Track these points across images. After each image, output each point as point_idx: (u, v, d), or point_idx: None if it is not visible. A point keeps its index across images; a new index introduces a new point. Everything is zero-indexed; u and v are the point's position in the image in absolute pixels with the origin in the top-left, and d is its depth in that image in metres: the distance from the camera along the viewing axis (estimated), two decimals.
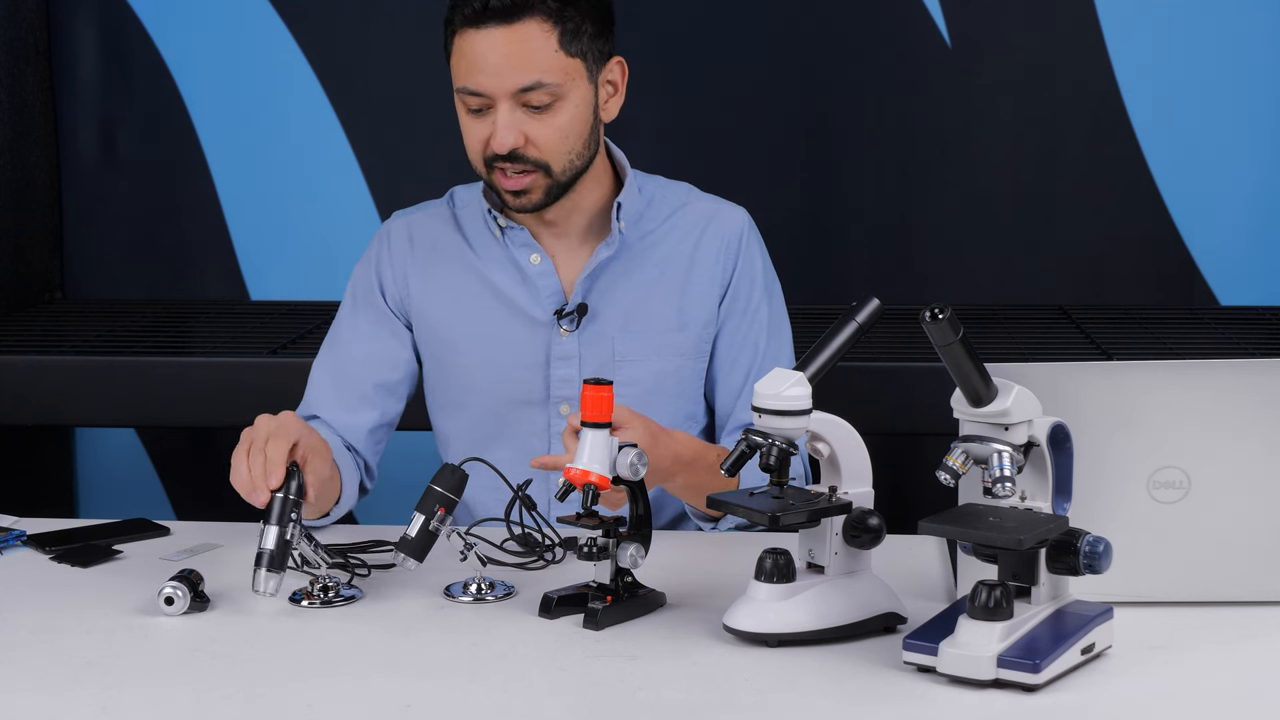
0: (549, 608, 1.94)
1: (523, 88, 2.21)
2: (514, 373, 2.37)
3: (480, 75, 2.22)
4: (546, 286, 2.38)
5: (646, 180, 2.44)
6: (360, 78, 3.82)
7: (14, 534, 2.24)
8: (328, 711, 1.69)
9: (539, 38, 2.21)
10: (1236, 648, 1.84)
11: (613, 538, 1.94)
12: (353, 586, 2.03)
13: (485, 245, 2.41)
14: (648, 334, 2.38)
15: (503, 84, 2.21)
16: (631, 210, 2.39)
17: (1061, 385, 1.87)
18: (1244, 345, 3.27)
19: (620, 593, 1.94)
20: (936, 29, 3.71)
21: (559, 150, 2.26)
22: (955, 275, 3.77)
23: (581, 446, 1.93)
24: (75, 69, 3.86)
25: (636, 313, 2.38)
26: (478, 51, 2.21)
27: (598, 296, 2.38)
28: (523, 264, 2.38)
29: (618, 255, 2.38)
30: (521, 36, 2.20)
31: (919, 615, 1.85)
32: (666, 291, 2.39)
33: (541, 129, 2.24)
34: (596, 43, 2.27)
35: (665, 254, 2.40)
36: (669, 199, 2.44)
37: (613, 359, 2.37)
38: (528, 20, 2.20)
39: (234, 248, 3.87)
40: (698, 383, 2.42)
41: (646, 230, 2.40)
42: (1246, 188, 3.71)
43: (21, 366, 3.16)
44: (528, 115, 2.24)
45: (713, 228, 2.42)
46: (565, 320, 2.37)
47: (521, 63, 2.21)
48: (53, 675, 1.78)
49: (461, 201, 2.46)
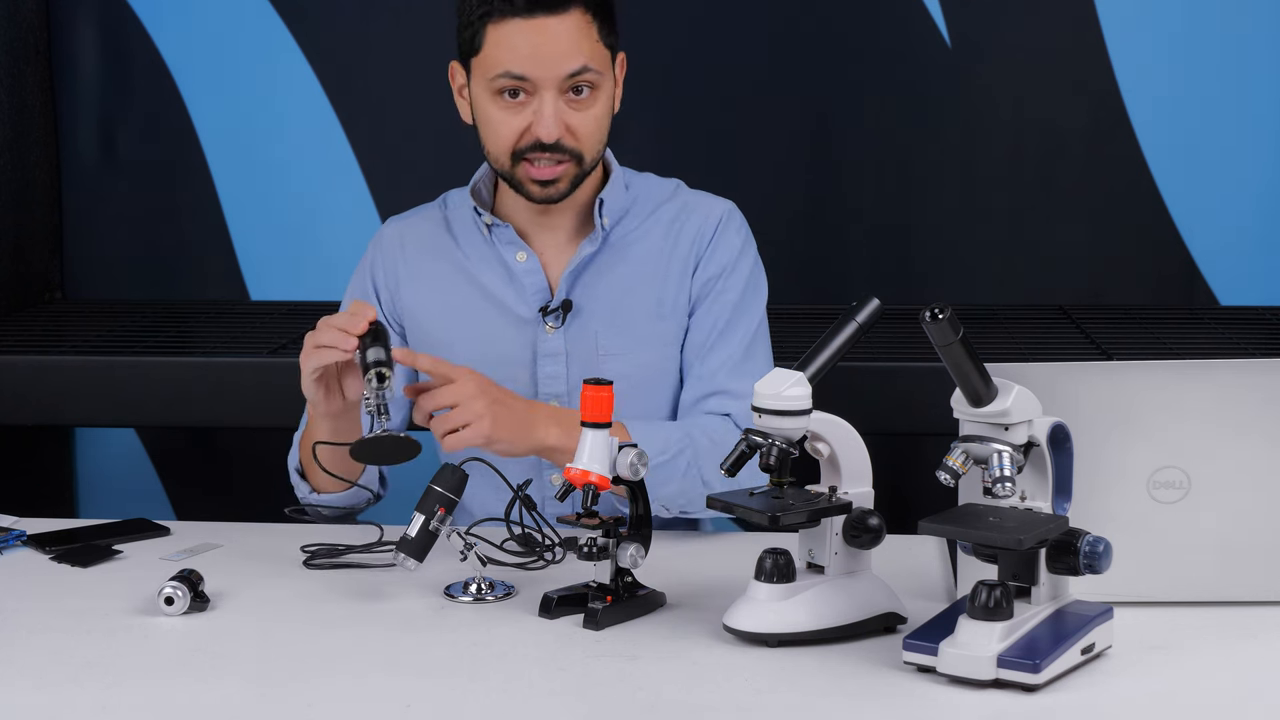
0: (549, 608, 1.94)
1: (571, 72, 2.26)
2: (502, 371, 2.37)
3: (528, 62, 2.25)
4: (532, 284, 2.39)
5: (634, 177, 2.46)
6: (360, 78, 3.82)
7: (14, 534, 2.24)
8: (328, 711, 1.69)
9: (584, 26, 2.27)
10: (1236, 648, 1.84)
11: (613, 538, 1.94)
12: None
13: (474, 245, 2.43)
14: (630, 327, 2.39)
15: (553, 70, 2.25)
16: (615, 206, 2.40)
17: (1061, 385, 1.87)
18: (1244, 345, 3.27)
19: (620, 593, 1.94)
20: (936, 29, 3.71)
21: (593, 140, 2.31)
22: (955, 275, 3.77)
23: (581, 446, 1.93)
24: (75, 69, 3.86)
25: (619, 307, 2.39)
26: (526, 40, 2.25)
27: (582, 292, 2.39)
28: (509, 261, 2.40)
29: (601, 251, 2.40)
30: (571, 25, 2.26)
31: (919, 615, 1.85)
32: (647, 284, 2.40)
33: (581, 119, 2.29)
34: (614, 37, 2.34)
35: (647, 248, 2.41)
36: (654, 195, 2.46)
37: (596, 354, 2.38)
38: (574, 10, 2.26)
39: (234, 248, 3.87)
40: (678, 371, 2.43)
41: (630, 227, 2.42)
42: (1247, 187, 3.71)
43: (21, 366, 3.16)
44: (568, 106, 2.28)
45: (693, 219, 2.43)
46: (550, 317, 2.38)
47: (571, 48, 2.25)
48: (53, 675, 1.78)
49: (453, 204, 2.49)
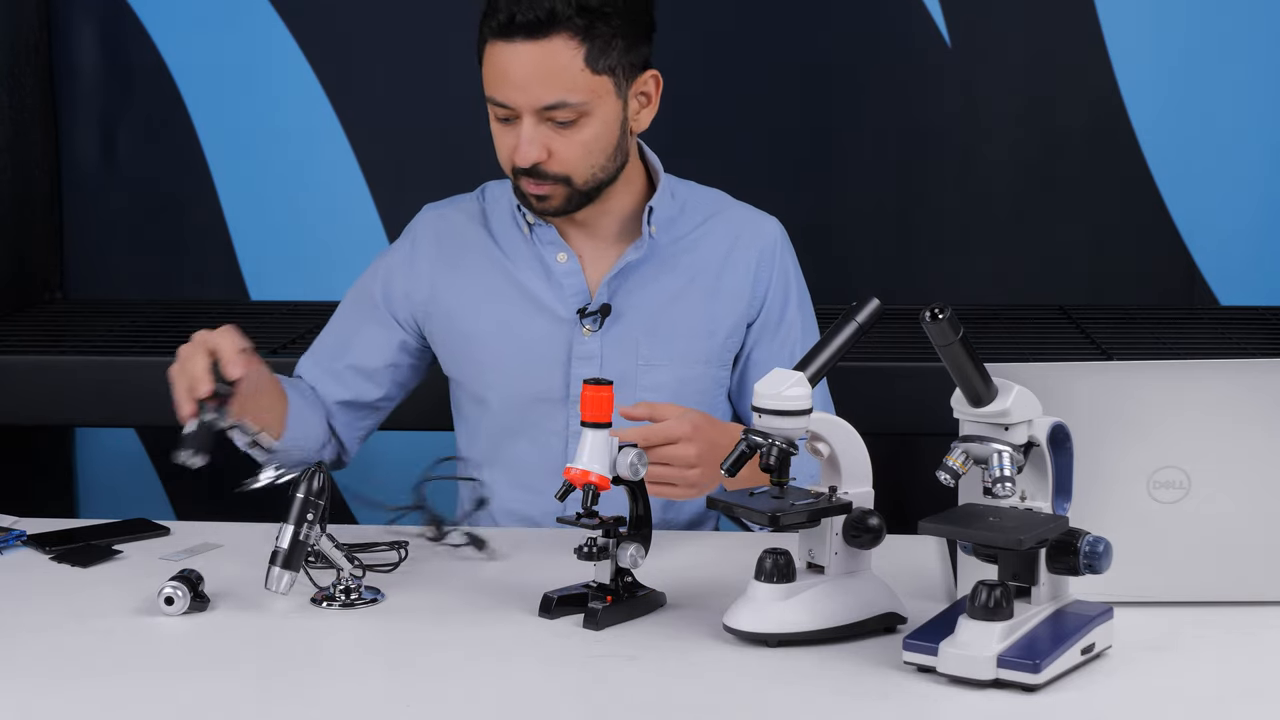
0: (549, 608, 1.94)
1: (546, 105, 2.21)
2: (534, 369, 2.38)
3: (506, 88, 2.22)
4: (571, 285, 2.38)
5: (680, 185, 2.44)
6: (360, 78, 3.81)
7: (14, 534, 2.24)
8: (328, 711, 1.69)
9: (565, 55, 2.20)
10: (1236, 648, 1.84)
11: (612, 538, 1.94)
12: (373, 589, 2.03)
13: (512, 242, 2.41)
14: (673, 339, 2.38)
15: (527, 100, 2.21)
16: (664, 215, 2.39)
17: (1062, 385, 1.87)
18: (1244, 345, 3.27)
19: (620, 593, 1.94)
20: (936, 29, 3.71)
21: (581, 165, 2.26)
22: (955, 275, 3.77)
23: (581, 447, 1.93)
24: (75, 69, 3.86)
25: (663, 317, 2.38)
26: (504, 64, 2.21)
27: (623, 298, 2.38)
28: (549, 262, 2.38)
29: (647, 259, 2.38)
30: (548, 53, 2.19)
31: (919, 615, 1.85)
32: (695, 298, 2.39)
33: (565, 144, 2.24)
34: (628, 56, 2.26)
35: (696, 260, 2.40)
36: (702, 205, 2.44)
37: (636, 363, 2.37)
38: (554, 37, 2.19)
39: (234, 248, 3.87)
40: (718, 391, 2.42)
41: (678, 235, 2.40)
42: (1247, 187, 3.70)
43: (21, 366, 3.16)
44: (552, 130, 2.24)
45: (745, 237, 2.42)
46: (588, 319, 2.36)
47: (546, 81, 2.20)
48: (53, 675, 1.78)
49: (492, 197, 2.47)
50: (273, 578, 1.93)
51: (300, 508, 1.95)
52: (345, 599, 1.98)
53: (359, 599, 1.99)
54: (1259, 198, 3.70)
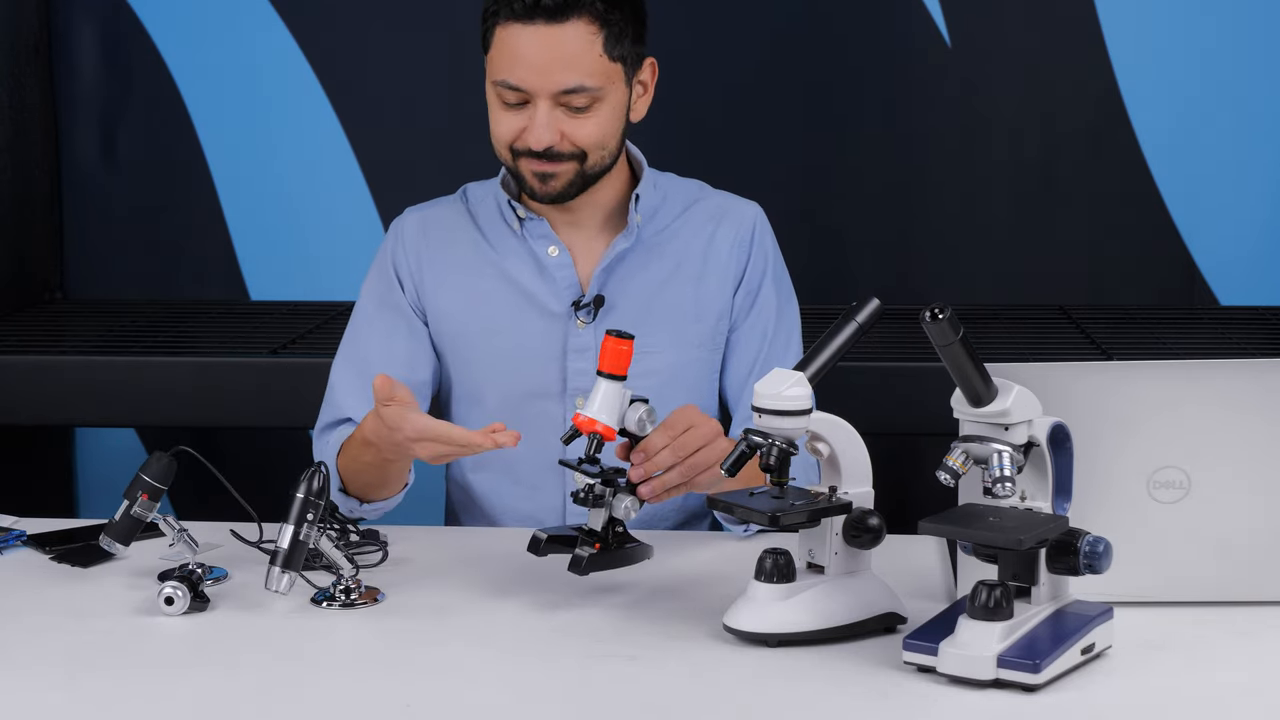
0: (537, 547, 1.94)
1: (564, 89, 2.22)
2: (530, 365, 2.38)
3: (523, 71, 2.22)
4: (564, 278, 2.38)
5: (660, 176, 2.46)
6: (360, 78, 3.81)
7: (14, 534, 2.24)
8: (328, 711, 1.69)
9: (585, 39, 2.22)
10: (1236, 648, 1.84)
11: (610, 487, 1.95)
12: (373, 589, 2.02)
13: (501, 238, 2.41)
14: (664, 325, 2.39)
15: (545, 83, 2.22)
16: (648, 204, 2.40)
17: (1061, 385, 1.87)
18: (1244, 345, 3.27)
19: (609, 541, 1.94)
20: (936, 29, 3.71)
21: (594, 144, 2.28)
22: (955, 275, 3.77)
23: (593, 395, 1.95)
24: (75, 69, 3.86)
25: (653, 304, 2.39)
26: (523, 47, 2.22)
27: (614, 288, 2.39)
28: (540, 256, 2.39)
29: (634, 248, 2.39)
30: (568, 37, 2.21)
31: (919, 615, 1.85)
32: (682, 283, 2.40)
33: (578, 128, 2.26)
34: (636, 46, 2.29)
35: (680, 247, 2.41)
36: (683, 195, 2.46)
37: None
38: (576, 20, 2.21)
39: (234, 248, 3.87)
40: (712, 375, 2.43)
41: (662, 224, 2.42)
42: (1247, 187, 3.70)
43: (21, 366, 3.16)
44: (565, 114, 2.25)
45: (727, 222, 2.44)
46: (582, 312, 2.37)
47: (566, 64, 2.21)
48: (53, 675, 1.78)
49: (475, 197, 2.47)
50: (273, 578, 1.93)
51: (300, 508, 1.95)
52: (345, 599, 1.98)
53: (359, 600, 1.99)
54: (1259, 198, 3.70)
